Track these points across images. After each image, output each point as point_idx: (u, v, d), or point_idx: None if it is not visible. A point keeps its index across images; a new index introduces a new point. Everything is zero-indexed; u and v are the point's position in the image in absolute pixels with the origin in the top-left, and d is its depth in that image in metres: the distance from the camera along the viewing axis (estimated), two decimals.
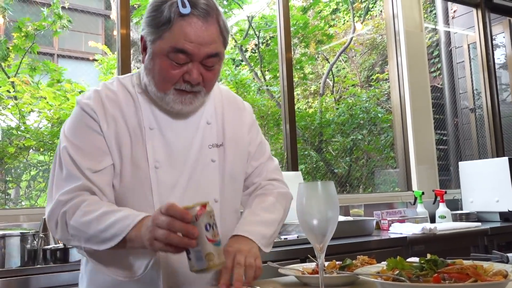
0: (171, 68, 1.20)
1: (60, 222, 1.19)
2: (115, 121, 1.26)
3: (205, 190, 1.31)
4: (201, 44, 1.19)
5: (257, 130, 1.49)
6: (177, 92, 1.24)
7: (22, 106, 3.57)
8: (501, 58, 5.34)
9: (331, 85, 6.20)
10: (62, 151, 1.24)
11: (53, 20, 3.79)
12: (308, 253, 1.42)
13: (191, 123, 1.33)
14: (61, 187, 1.21)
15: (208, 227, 1.01)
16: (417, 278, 0.96)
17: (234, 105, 1.45)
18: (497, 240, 3.10)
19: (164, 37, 1.19)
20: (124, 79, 1.35)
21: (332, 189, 1.00)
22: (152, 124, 1.28)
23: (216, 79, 1.29)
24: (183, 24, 1.17)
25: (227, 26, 1.27)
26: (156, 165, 1.26)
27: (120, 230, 1.10)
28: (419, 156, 3.92)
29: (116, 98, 1.29)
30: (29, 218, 2.42)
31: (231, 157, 1.37)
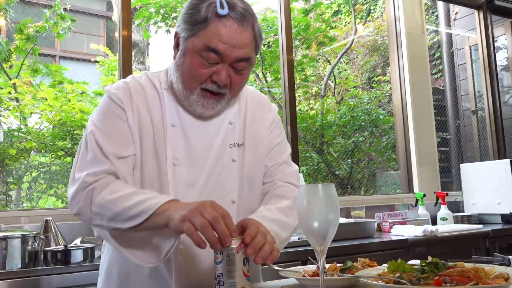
0: (201, 67, 1.21)
1: (84, 201, 1.18)
2: (140, 114, 1.27)
3: (224, 190, 1.30)
4: (233, 47, 1.19)
5: (279, 131, 1.46)
6: (202, 94, 1.24)
7: (24, 107, 3.58)
8: (503, 60, 5.33)
9: (332, 87, 6.20)
10: (89, 135, 1.25)
11: (55, 21, 3.79)
12: (309, 255, 1.41)
13: (214, 122, 1.33)
14: (87, 169, 1.21)
15: (245, 261, 1.02)
16: (418, 281, 0.96)
17: (258, 105, 1.43)
18: (498, 243, 3.10)
19: (198, 35, 1.20)
20: (152, 74, 1.36)
21: (333, 191, 0.99)
22: (174, 121, 1.29)
23: (243, 84, 1.29)
24: (218, 24, 1.19)
25: (262, 33, 1.28)
26: (175, 162, 1.26)
27: (148, 207, 1.08)
28: (420, 158, 3.92)
29: (143, 92, 1.30)
30: (30, 219, 2.42)
31: (250, 158, 1.35)
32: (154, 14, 5.44)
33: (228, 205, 1.29)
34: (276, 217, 1.26)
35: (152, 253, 1.15)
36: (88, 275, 1.92)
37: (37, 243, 2.01)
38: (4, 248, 1.90)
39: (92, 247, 2.09)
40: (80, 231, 2.41)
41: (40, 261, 2.01)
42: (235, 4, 1.21)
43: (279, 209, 1.30)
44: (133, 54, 3.42)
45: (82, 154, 1.25)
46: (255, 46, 1.26)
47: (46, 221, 2.23)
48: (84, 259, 2.02)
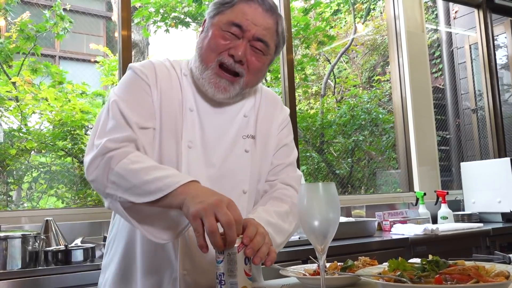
0: (221, 38, 1.25)
1: (103, 167, 1.14)
2: (163, 93, 1.28)
3: (236, 179, 1.31)
4: (255, 24, 1.25)
5: (287, 133, 1.46)
6: (217, 71, 1.26)
7: (24, 107, 3.58)
8: (503, 59, 5.33)
9: (332, 86, 6.20)
10: (112, 104, 1.23)
11: (55, 22, 3.79)
12: (309, 255, 1.41)
13: (229, 112, 1.35)
14: (108, 135, 1.18)
15: (247, 261, 1.01)
16: (418, 279, 0.96)
17: (270, 103, 1.45)
18: (499, 241, 3.10)
19: (224, 13, 1.27)
20: (174, 61, 1.38)
21: (333, 190, 0.99)
22: (192, 106, 1.31)
23: (260, 71, 1.31)
24: (245, 5, 1.26)
25: (285, 35, 1.34)
26: (189, 145, 1.27)
27: (166, 186, 1.05)
28: (420, 157, 3.92)
29: (168, 73, 1.32)
30: (30, 219, 2.42)
31: (260, 151, 1.37)
32: (154, 13, 5.43)
33: (239, 195, 1.30)
34: (274, 220, 1.25)
35: (165, 230, 1.12)
36: (88, 275, 1.92)
37: (38, 243, 2.01)
38: (4, 248, 1.90)
39: (92, 247, 2.09)
40: (80, 231, 2.41)
41: (41, 261, 2.02)
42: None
43: (277, 213, 1.28)
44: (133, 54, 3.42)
45: (103, 122, 1.22)
46: (275, 39, 1.31)
47: (47, 221, 2.23)
48: (85, 259, 2.03)
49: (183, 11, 5.60)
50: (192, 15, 5.67)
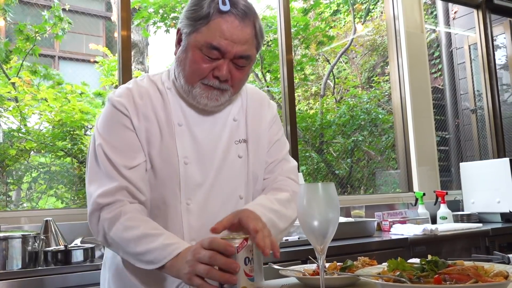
0: (203, 62, 1.23)
1: (101, 229, 1.21)
2: (146, 117, 1.28)
3: (232, 186, 1.32)
4: (234, 42, 1.22)
5: (277, 128, 1.47)
6: (204, 87, 1.26)
7: (23, 108, 3.58)
8: (502, 59, 5.33)
9: (331, 86, 6.20)
10: (97, 148, 1.25)
11: (54, 22, 3.79)
12: (309, 255, 1.42)
13: (218, 119, 1.35)
14: (99, 185, 1.23)
15: (247, 261, 1.00)
16: (418, 279, 0.96)
17: (257, 102, 1.44)
18: (498, 241, 3.10)
19: (200, 31, 1.22)
20: (154, 76, 1.37)
21: (333, 190, 1.00)
22: (180, 120, 1.30)
23: (244, 80, 1.32)
24: (220, 21, 1.21)
25: (263, 31, 1.30)
26: (186, 161, 1.27)
27: (157, 259, 1.10)
28: (420, 157, 3.92)
29: (147, 94, 1.31)
30: (30, 220, 2.42)
31: (253, 154, 1.37)
32: (153, 14, 5.43)
33: (236, 200, 1.31)
34: (275, 207, 1.27)
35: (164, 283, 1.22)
36: (88, 275, 1.92)
37: (37, 243, 2.01)
38: (4, 249, 1.90)
39: (92, 247, 2.09)
40: (80, 231, 2.41)
41: (41, 261, 2.02)
42: (237, 1, 1.24)
43: (277, 200, 1.30)
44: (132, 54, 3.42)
45: (91, 165, 1.27)
46: (256, 44, 1.28)
47: (46, 222, 2.23)
48: (84, 259, 2.03)
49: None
50: None
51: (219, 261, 0.98)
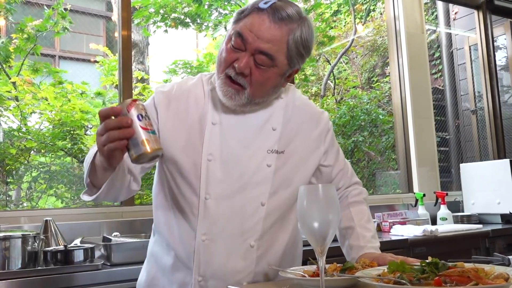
0: (228, 52, 1.28)
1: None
2: (176, 113, 1.35)
3: (255, 191, 1.32)
4: (258, 37, 1.24)
5: (332, 141, 1.50)
6: (225, 80, 1.29)
7: (24, 107, 3.58)
8: (503, 60, 5.33)
9: (332, 87, 6.21)
10: None
11: (55, 21, 3.79)
12: (309, 256, 1.41)
13: (255, 125, 1.36)
14: None
15: (141, 117, 1.05)
16: (418, 281, 0.96)
17: (308, 115, 1.45)
18: (498, 242, 3.10)
19: (236, 23, 1.30)
20: (206, 76, 1.44)
21: (333, 192, 0.99)
22: (215, 119, 1.34)
23: (265, 84, 1.29)
24: (254, 15, 1.26)
25: (303, 46, 1.29)
26: (209, 157, 1.31)
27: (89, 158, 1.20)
28: (420, 157, 3.92)
29: (187, 92, 1.39)
30: (30, 219, 2.42)
31: (291, 166, 1.37)
32: (154, 14, 5.44)
33: (257, 206, 1.32)
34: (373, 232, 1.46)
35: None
36: (88, 275, 1.92)
37: (37, 243, 2.01)
38: (4, 249, 1.90)
39: (92, 247, 2.09)
40: (80, 231, 2.41)
41: (40, 261, 2.01)
42: (281, 6, 1.26)
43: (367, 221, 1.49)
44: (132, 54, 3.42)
45: None
46: (286, 51, 1.27)
47: (46, 221, 2.23)
48: (84, 259, 2.02)
49: (183, 12, 5.61)
50: (192, 15, 5.68)
51: (111, 123, 1.04)
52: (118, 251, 2.08)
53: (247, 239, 1.30)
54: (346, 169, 1.55)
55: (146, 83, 4.80)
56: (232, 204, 1.30)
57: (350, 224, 1.44)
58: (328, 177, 1.48)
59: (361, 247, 1.37)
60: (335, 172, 1.50)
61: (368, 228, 1.45)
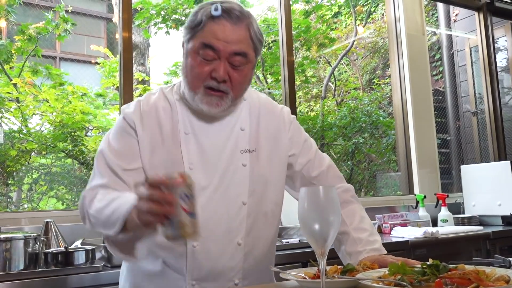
0: (200, 65, 1.29)
1: (85, 213, 1.29)
2: (151, 128, 1.36)
3: (235, 192, 1.36)
4: (227, 42, 1.27)
5: (298, 131, 1.52)
6: (206, 92, 1.30)
7: (25, 109, 3.58)
8: (503, 62, 5.33)
9: (332, 89, 6.21)
10: (98, 155, 1.37)
11: (56, 23, 3.80)
12: (309, 257, 1.41)
13: (225, 128, 1.39)
14: (88, 185, 1.35)
15: (184, 196, 1.04)
16: (419, 283, 0.96)
17: (270, 112, 1.49)
18: (499, 244, 3.09)
19: (195, 36, 1.30)
20: (166, 89, 1.45)
21: (334, 193, 0.99)
22: (187, 129, 1.37)
23: (244, 82, 1.35)
24: (213, 24, 1.29)
25: (260, 34, 1.35)
26: (190, 166, 1.33)
27: (120, 214, 1.16)
28: (421, 159, 3.92)
29: (154, 106, 1.39)
30: (30, 221, 2.42)
31: (264, 163, 1.41)
32: (155, 15, 5.44)
33: (239, 206, 1.37)
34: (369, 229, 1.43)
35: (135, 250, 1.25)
36: (89, 277, 1.92)
37: (38, 244, 2.01)
38: (5, 250, 1.90)
39: (92, 249, 2.09)
40: (80, 233, 2.41)
41: (41, 263, 2.01)
42: (231, 8, 1.30)
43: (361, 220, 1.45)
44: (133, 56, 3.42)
45: (91, 177, 1.37)
46: (252, 45, 1.33)
47: (47, 223, 2.23)
48: (85, 261, 2.02)
49: (184, 13, 5.61)
50: None
51: (155, 195, 1.04)
52: None
53: (234, 238, 1.35)
54: (320, 161, 1.52)
55: (147, 85, 4.80)
56: (217, 207, 1.34)
57: (344, 229, 1.42)
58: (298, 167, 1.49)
59: (359, 253, 1.36)
60: (301, 161, 1.48)
61: (363, 228, 1.43)
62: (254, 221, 1.38)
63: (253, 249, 1.38)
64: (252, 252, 1.38)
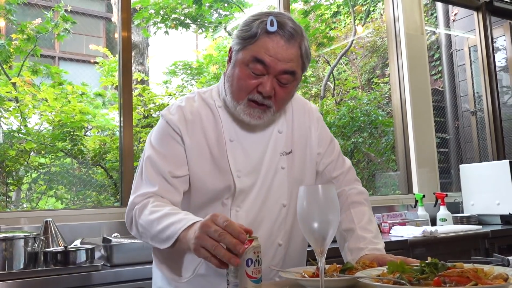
0: (248, 78, 1.30)
1: (134, 221, 1.31)
2: (196, 136, 1.37)
3: (275, 195, 1.40)
4: (278, 60, 1.28)
5: (325, 130, 1.55)
6: (249, 104, 1.32)
7: (24, 108, 3.58)
8: (502, 61, 5.34)
9: (332, 88, 6.21)
10: (146, 160, 1.36)
11: (55, 22, 3.80)
12: (308, 256, 1.42)
13: (265, 133, 1.42)
14: (137, 192, 1.34)
15: (250, 262, 1.00)
16: (417, 281, 0.96)
17: (302, 110, 1.51)
18: (498, 243, 3.10)
19: (248, 48, 1.30)
20: (205, 93, 1.45)
21: (333, 192, 1.00)
22: (232, 136, 1.38)
23: (288, 99, 1.37)
24: (267, 39, 1.28)
25: (309, 53, 1.36)
26: (238, 174, 1.35)
27: (173, 233, 1.15)
28: (420, 158, 3.92)
29: (197, 113, 1.40)
30: (30, 220, 2.42)
31: (299, 163, 1.45)
32: (154, 15, 5.44)
33: (280, 208, 1.40)
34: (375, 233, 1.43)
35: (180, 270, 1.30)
36: (88, 276, 1.92)
37: (37, 244, 2.01)
38: (4, 249, 1.90)
39: (92, 248, 2.09)
40: (80, 232, 2.42)
41: (40, 262, 2.01)
42: (285, 23, 1.30)
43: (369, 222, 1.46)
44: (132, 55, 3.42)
45: (137, 179, 1.38)
46: (301, 64, 1.34)
47: (46, 222, 2.23)
48: (85, 260, 2.02)
49: (183, 13, 5.61)
50: (192, 16, 5.68)
51: (227, 239, 0.99)
52: (118, 252, 2.08)
53: (275, 239, 1.39)
54: (342, 163, 1.55)
55: (146, 85, 4.80)
56: (260, 211, 1.37)
57: (351, 226, 1.44)
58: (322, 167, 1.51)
59: (360, 249, 1.37)
60: (325, 162, 1.51)
61: (369, 229, 1.44)
62: (292, 221, 1.42)
63: (290, 248, 1.43)
64: (290, 251, 1.42)
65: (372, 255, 1.33)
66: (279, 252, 1.40)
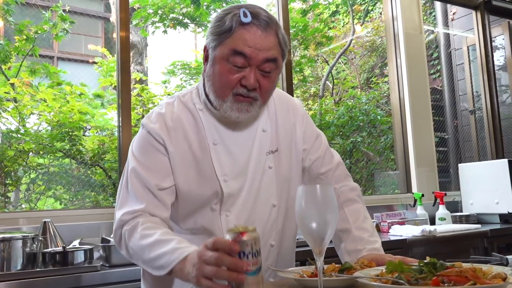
0: (230, 73, 1.26)
1: (123, 242, 1.28)
2: (179, 142, 1.34)
3: (265, 196, 1.38)
4: (259, 49, 1.25)
5: (311, 126, 1.52)
6: (235, 99, 1.28)
7: (22, 108, 3.57)
8: (501, 60, 5.34)
9: (330, 87, 6.21)
10: (130, 173, 1.32)
11: (54, 22, 3.79)
12: (307, 256, 1.42)
13: (249, 132, 1.39)
14: (125, 207, 1.30)
15: (242, 255, 0.98)
16: (416, 281, 0.96)
17: (285, 107, 1.48)
18: (497, 242, 3.10)
19: (224, 43, 1.26)
20: (185, 97, 1.41)
21: (331, 192, 1.00)
22: (215, 139, 1.35)
23: (272, 88, 1.34)
24: (243, 31, 1.25)
25: (286, 41, 1.34)
26: (225, 178, 1.33)
27: (167, 263, 1.12)
28: (418, 158, 3.92)
29: (179, 120, 1.36)
30: (28, 221, 2.42)
31: (286, 162, 1.42)
32: (152, 14, 5.44)
33: (270, 209, 1.38)
34: (371, 232, 1.41)
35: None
36: (87, 276, 1.92)
37: (36, 244, 2.01)
38: (2, 250, 1.90)
39: (90, 249, 2.09)
40: (78, 233, 2.41)
41: (39, 262, 2.01)
42: (258, 13, 1.28)
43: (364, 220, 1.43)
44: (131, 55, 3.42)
45: (123, 192, 1.33)
46: (280, 51, 1.31)
47: (45, 223, 2.23)
48: (83, 260, 2.02)
49: (182, 12, 5.61)
50: (191, 16, 5.68)
51: (226, 261, 0.97)
52: (117, 252, 2.07)
53: (267, 240, 1.37)
54: (330, 158, 1.51)
55: (144, 84, 4.80)
56: (250, 214, 1.35)
57: (346, 226, 1.42)
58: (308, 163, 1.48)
59: (358, 251, 1.36)
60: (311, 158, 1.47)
61: (365, 228, 1.42)
62: (283, 221, 1.41)
63: (282, 248, 1.42)
64: (282, 251, 1.42)
65: (370, 256, 1.32)
66: (271, 253, 1.38)
